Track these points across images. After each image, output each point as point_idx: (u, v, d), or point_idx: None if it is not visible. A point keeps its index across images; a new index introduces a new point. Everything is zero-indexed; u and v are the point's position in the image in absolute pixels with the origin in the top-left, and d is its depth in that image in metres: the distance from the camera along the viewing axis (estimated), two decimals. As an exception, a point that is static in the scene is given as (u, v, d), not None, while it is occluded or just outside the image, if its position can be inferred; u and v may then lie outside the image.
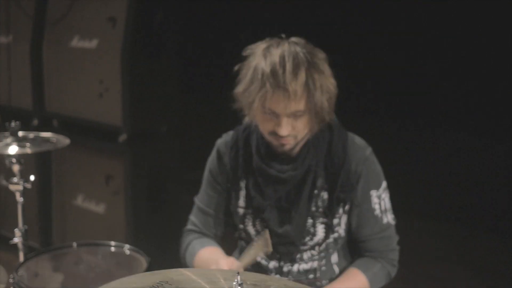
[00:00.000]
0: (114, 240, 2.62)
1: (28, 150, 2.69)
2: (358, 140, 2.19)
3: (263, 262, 2.22)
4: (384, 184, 2.17)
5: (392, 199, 2.19)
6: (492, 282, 4.18)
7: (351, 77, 2.86)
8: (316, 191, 2.11)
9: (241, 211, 2.24)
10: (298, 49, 2.07)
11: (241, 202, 2.23)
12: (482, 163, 5.11)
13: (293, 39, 2.13)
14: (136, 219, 4.07)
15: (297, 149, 2.13)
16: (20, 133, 2.76)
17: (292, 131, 2.07)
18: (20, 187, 2.76)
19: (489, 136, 4.99)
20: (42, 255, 2.55)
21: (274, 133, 2.08)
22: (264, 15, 5.19)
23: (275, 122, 2.06)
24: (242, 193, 2.22)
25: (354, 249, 2.23)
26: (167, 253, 2.99)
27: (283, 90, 2.01)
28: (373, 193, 2.14)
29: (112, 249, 2.59)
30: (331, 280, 2.18)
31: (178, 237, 2.44)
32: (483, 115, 4.97)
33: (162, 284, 1.30)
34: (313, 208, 2.09)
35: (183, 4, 4.18)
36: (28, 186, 2.77)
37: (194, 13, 4.91)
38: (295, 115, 2.05)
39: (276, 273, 2.17)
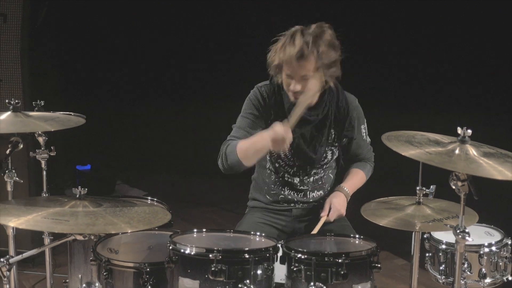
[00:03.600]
0: None
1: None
2: (351, 96, 3.28)
3: (288, 179, 3.18)
4: (365, 119, 3.33)
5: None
6: None
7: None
8: (327, 128, 3.17)
9: None
10: (311, 30, 3.05)
11: None
12: None
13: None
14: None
15: (315, 100, 3.12)
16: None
17: (302, 89, 3.07)
18: (46, 156, 3.24)
19: None
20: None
21: (291, 91, 3.07)
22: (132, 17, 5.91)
23: (291, 82, 3.05)
24: None
25: (344, 160, 3.34)
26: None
27: (297, 59, 2.98)
28: (362, 126, 3.30)
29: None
30: (331, 182, 3.29)
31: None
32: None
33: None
34: (326, 138, 3.16)
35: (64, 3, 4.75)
36: (53, 154, 3.25)
37: (73, 10, 5.38)
38: (304, 78, 3.06)
39: (299, 185, 3.18)
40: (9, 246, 2.81)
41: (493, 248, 2.85)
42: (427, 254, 2.99)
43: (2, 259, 2.67)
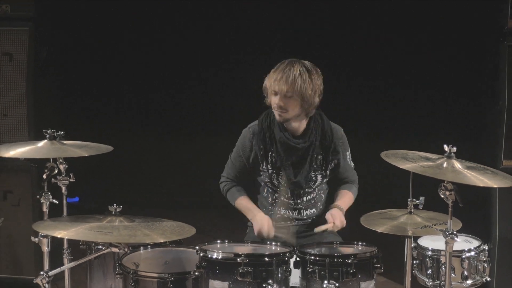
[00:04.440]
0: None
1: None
2: (336, 126, 3.68)
3: (284, 199, 3.56)
4: (348, 147, 3.73)
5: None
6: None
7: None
8: (315, 155, 3.56)
9: (269, 170, 3.56)
10: (300, 63, 3.47)
11: (269, 165, 3.55)
12: None
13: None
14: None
15: (302, 129, 3.53)
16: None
17: (284, 105, 3.46)
18: (67, 182, 3.54)
19: None
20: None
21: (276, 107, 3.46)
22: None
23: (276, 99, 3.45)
24: (270, 160, 3.53)
25: (332, 182, 3.73)
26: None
27: (283, 79, 3.39)
28: (347, 153, 3.71)
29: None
30: (322, 201, 3.66)
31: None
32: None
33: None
34: (314, 166, 3.55)
35: (62, 43, 5.11)
36: (73, 180, 3.56)
37: (71, 48, 5.72)
38: (286, 96, 3.45)
39: (294, 204, 3.56)
40: (44, 262, 3.09)
41: (473, 253, 3.26)
42: (414, 262, 3.37)
43: (42, 272, 2.99)
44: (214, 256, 2.68)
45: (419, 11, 5.83)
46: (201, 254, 2.72)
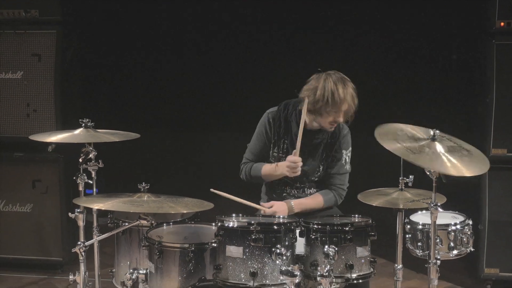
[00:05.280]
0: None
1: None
2: (344, 125, 3.96)
3: (287, 190, 3.96)
4: (350, 148, 4.09)
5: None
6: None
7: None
8: (321, 150, 3.95)
9: (279, 154, 3.94)
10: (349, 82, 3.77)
11: (280, 151, 3.95)
12: None
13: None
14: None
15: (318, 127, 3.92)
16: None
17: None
18: (96, 168, 3.96)
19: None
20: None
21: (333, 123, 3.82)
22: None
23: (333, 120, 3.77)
24: (282, 145, 3.94)
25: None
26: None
27: (347, 101, 3.67)
28: (346, 151, 4.03)
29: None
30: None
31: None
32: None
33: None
34: (318, 158, 3.94)
35: (86, 44, 5.57)
36: (101, 165, 3.98)
37: (94, 49, 6.18)
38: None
39: (296, 196, 3.94)
40: (80, 234, 3.52)
41: (458, 227, 3.65)
42: (407, 236, 3.77)
43: (79, 242, 3.42)
44: (230, 225, 3.09)
45: (414, 10, 6.22)
46: (219, 224, 3.13)
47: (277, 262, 3.02)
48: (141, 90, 6.92)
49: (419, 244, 3.68)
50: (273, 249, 3.02)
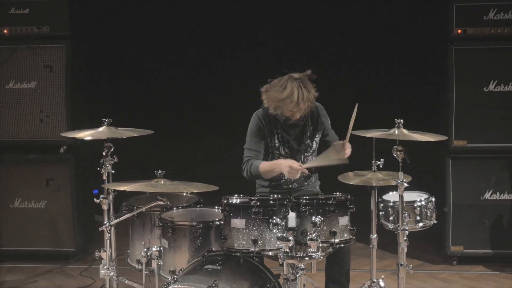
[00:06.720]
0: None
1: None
2: (318, 104, 4.60)
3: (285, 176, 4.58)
4: (328, 118, 4.68)
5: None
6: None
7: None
8: (308, 127, 4.55)
9: (277, 144, 4.54)
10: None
11: (276, 140, 4.50)
12: None
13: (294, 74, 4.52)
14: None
15: None
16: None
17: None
18: (112, 162, 4.55)
19: None
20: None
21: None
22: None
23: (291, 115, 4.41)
24: (276, 136, 4.52)
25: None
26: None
27: (299, 105, 4.28)
28: (327, 123, 4.61)
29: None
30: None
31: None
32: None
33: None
34: (308, 134, 4.55)
35: (93, 57, 6.20)
36: (116, 160, 4.58)
37: (100, 61, 6.78)
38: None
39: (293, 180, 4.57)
40: (104, 216, 4.13)
41: (423, 203, 4.32)
42: (380, 213, 4.42)
43: (105, 222, 4.04)
44: (234, 202, 3.74)
45: (381, 14, 6.84)
46: (224, 202, 3.77)
47: (274, 230, 3.66)
48: (144, 95, 7.39)
49: (390, 218, 4.34)
50: (270, 220, 3.67)
